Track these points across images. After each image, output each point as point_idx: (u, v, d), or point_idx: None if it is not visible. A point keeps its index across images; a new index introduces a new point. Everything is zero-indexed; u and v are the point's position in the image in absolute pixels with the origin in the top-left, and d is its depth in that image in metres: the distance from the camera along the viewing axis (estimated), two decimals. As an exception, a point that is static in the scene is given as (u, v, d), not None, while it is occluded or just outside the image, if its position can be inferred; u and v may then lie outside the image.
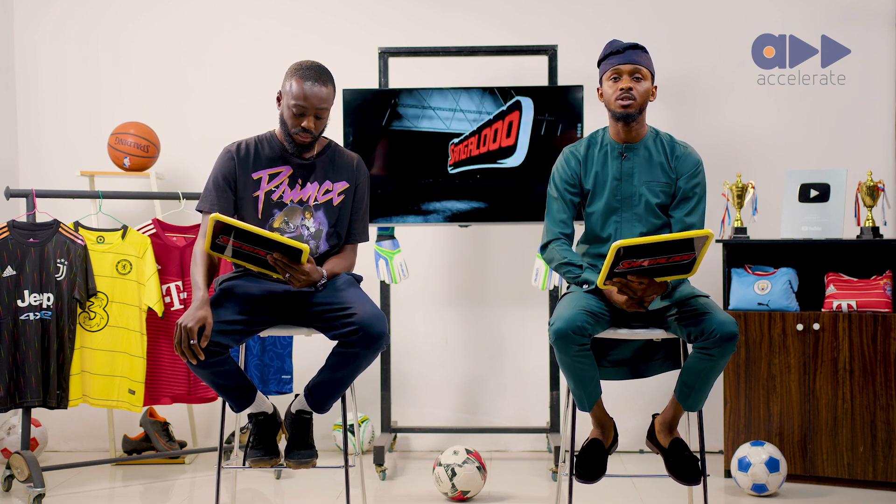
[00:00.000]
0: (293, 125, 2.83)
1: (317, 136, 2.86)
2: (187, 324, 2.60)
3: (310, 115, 2.81)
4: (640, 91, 2.89)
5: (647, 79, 2.90)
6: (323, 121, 2.86)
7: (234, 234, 2.62)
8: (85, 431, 4.34)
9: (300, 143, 2.85)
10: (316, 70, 2.83)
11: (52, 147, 4.42)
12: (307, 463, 2.84)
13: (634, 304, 2.76)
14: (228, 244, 2.66)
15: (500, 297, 4.37)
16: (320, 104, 2.81)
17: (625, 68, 2.90)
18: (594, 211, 2.97)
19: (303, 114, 2.81)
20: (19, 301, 3.57)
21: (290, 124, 2.83)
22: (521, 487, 3.69)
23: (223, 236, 2.64)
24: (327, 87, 2.82)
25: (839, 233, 3.71)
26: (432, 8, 4.36)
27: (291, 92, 2.80)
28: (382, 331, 2.68)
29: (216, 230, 2.62)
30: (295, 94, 2.80)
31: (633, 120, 2.92)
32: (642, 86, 2.90)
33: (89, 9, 4.42)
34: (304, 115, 2.81)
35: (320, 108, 2.81)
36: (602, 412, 2.93)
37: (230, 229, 2.61)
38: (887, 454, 3.53)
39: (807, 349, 3.63)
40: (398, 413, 4.32)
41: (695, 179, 2.94)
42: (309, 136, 2.84)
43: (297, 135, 2.83)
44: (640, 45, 2.93)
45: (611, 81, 2.92)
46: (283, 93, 2.85)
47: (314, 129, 2.83)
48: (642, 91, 2.90)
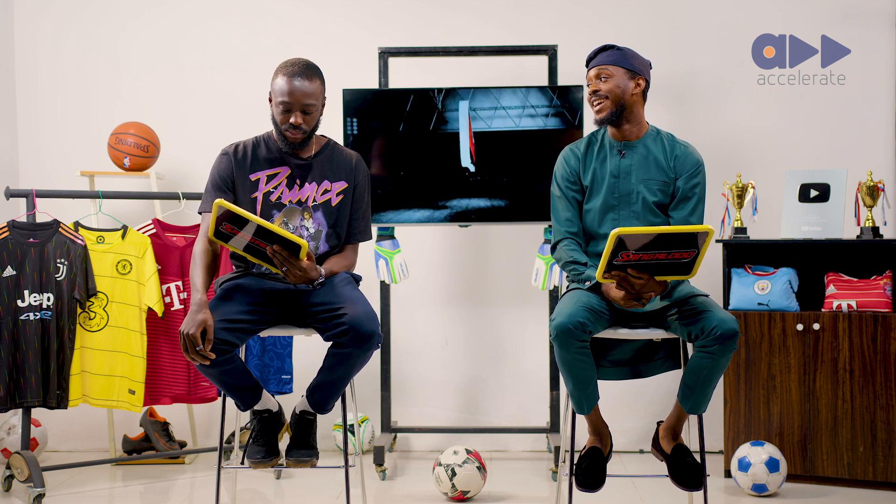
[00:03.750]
0: (282, 122, 2.83)
1: (309, 133, 2.85)
2: (189, 330, 2.60)
3: (296, 111, 2.80)
4: (607, 89, 2.89)
5: (614, 76, 2.89)
6: (313, 116, 2.84)
7: (236, 221, 2.63)
8: (85, 431, 4.34)
9: (292, 140, 2.84)
10: (301, 66, 2.82)
11: (52, 147, 4.42)
12: (307, 463, 2.84)
13: (632, 299, 2.74)
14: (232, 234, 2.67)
15: (500, 297, 4.37)
16: (306, 99, 2.80)
17: (591, 73, 2.94)
18: (591, 208, 2.97)
19: (289, 110, 2.80)
20: (19, 301, 3.57)
21: (279, 121, 2.84)
22: (521, 487, 3.69)
23: (226, 224, 2.65)
24: (312, 82, 2.81)
25: (839, 233, 3.71)
26: (432, 8, 4.36)
27: (277, 90, 2.81)
28: (373, 330, 2.67)
29: (220, 217, 2.63)
30: (280, 90, 2.81)
31: (617, 120, 2.92)
32: (609, 84, 2.89)
33: (89, 9, 4.42)
34: (291, 110, 2.80)
35: (306, 103, 2.80)
36: (599, 419, 2.92)
37: (233, 216, 2.62)
38: (887, 454, 3.53)
39: (807, 349, 3.63)
40: (398, 413, 4.32)
41: (694, 179, 2.94)
42: (299, 132, 2.83)
43: (287, 132, 2.83)
44: (612, 45, 2.94)
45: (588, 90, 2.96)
46: (271, 90, 2.85)
47: (304, 125, 2.82)
48: (611, 89, 2.89)
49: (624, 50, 2.93)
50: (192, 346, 2.60)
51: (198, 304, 2.65)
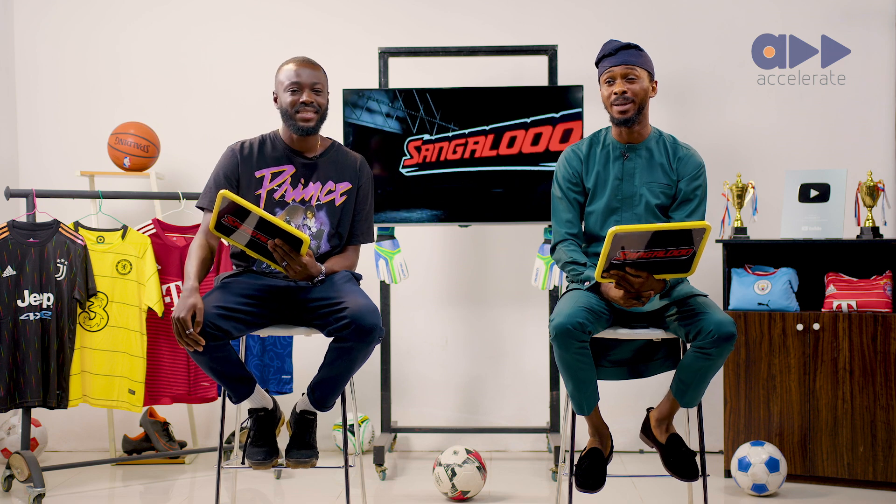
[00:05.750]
0: (293, 105, 2.86)
1: (320, 117, 2.89)
2: (179, 314, 2.61)
3: (306, 90, 2.86)
4: (635, 91, 2.88)
5: (642, 78, 2.89)
6: (322, 96, 2.90)
7: (239, 214, 2.63)
8: (85, 431, 4.34)
9: (304, 124, 2.87)
10: (305, 57, 2.94)
11: (52, 147, 4.42)
12: (306, 463, 2.84)
13: (631, 298, 2.73)
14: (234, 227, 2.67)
15: (500, 297, 4.37)
16: (313, 79, 2.87)
17: (617, 70, 2.89)
18: (594, 210, 2.97)
19: (299, 89, 2.86)
20: (19, 301, 3.57)
21: (289, 106, 2.87)
22: (521, 487, 3.69)
23: (229, 216, 2.65)
24: (318, 70, 2.91)
25: (839, 233, 3.71)
26: (432, 8, 4.37)
27: (284, 77, 2.88)
28: (374, 323, 2.67)
29: (223, 209, 2.63)
30: (288, 74, 2.87)
31: (634, 122, 2.92)
32: (637, 86, 2.88)
33: (89, 9, 4.42)
34: (301, 90, 2.86)
35: (315, 83, 2.87)
36: (599, 419, 2.92)
37: (236, 208, 2.62)
38: (887, 454, 3.53)
39: (807, 349, 3.63)
40: (398, 413, 4.32)
41: (696, 182, 2.94)
42: (310, 111, 2.86)
43: (298, 113, 2.86)
44: (635, 44, 2.92)
45: (606, 85, 2.92)
46: (277, 85, 2.90)
47: (315, 103, 2.87)
48: (637, 91, 2.88)
49: (644, 51, 2.93)
50: (182, 330, 2.61)
51: (188, 290, 2.68)
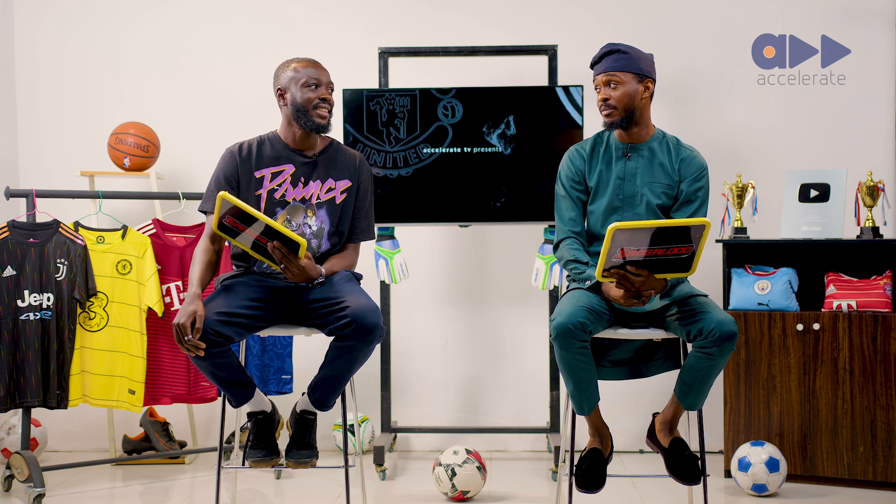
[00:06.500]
0: (311, 100, 2.88)
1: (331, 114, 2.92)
2: (179, 321, 2.63)
3: (325, 86, 2.89)
4: (618, 97, 2.88)
5: (625, 83, 2.87)
6: (332, 98, 2.93)
7: (238, 215, 2.65)
8: (85, 431, 4.34)
9: (320, 120, 2.89)
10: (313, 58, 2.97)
11: (52, 147, 4.42)
12: (306, 463, 2.84)
13: (632, 297, 2.73)
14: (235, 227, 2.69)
15: (500, 297, 4.37)
16: (329, 79, 2.92)
17: (600, 78, 2.91)
18: (595, 209, 2.98)
19: (318, 84, 2.88)
20: (19, 301, 3.57)
21: (307, 101, 2.88)
22: (521, 487, 3.69)
23: (230, 217, 2.67)
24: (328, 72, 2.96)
25: (839, 233, 3.71)
26: (432, 8, 4.37)
27: (301, 74, 2.89)
28: (376, 322, 2.68)
29: (223, 210, 2.65)
30: (305, 71, 2.89)
31: (627, 124, 2.92)
32: (619, 91, 2.88)
33: (89, 9, 4.42)
34: (320, 86, 2.88)
35: (330, 83, 2.92)
36: (599, 419, 2.92)
37: (235, 210, 2.63)
38: (887, 454, 3.53)
39: (807, 349, 3.63)
40: (398, 413, 4.32)
41: (698, 183, 2.94)
42: (327, 108, 2.89)
43: (317, 109, 2.88)
44: (618, 48, 2.90)
45: (596, 92, 2.95)
46: (287, 81, 2.90)
47: (330, 102, 2.90)
48: (620, 96, 2.88)
49: (630, 53, 2.89)
50: (182, 336, 2.62)
51: (191, 296, 2.69)
